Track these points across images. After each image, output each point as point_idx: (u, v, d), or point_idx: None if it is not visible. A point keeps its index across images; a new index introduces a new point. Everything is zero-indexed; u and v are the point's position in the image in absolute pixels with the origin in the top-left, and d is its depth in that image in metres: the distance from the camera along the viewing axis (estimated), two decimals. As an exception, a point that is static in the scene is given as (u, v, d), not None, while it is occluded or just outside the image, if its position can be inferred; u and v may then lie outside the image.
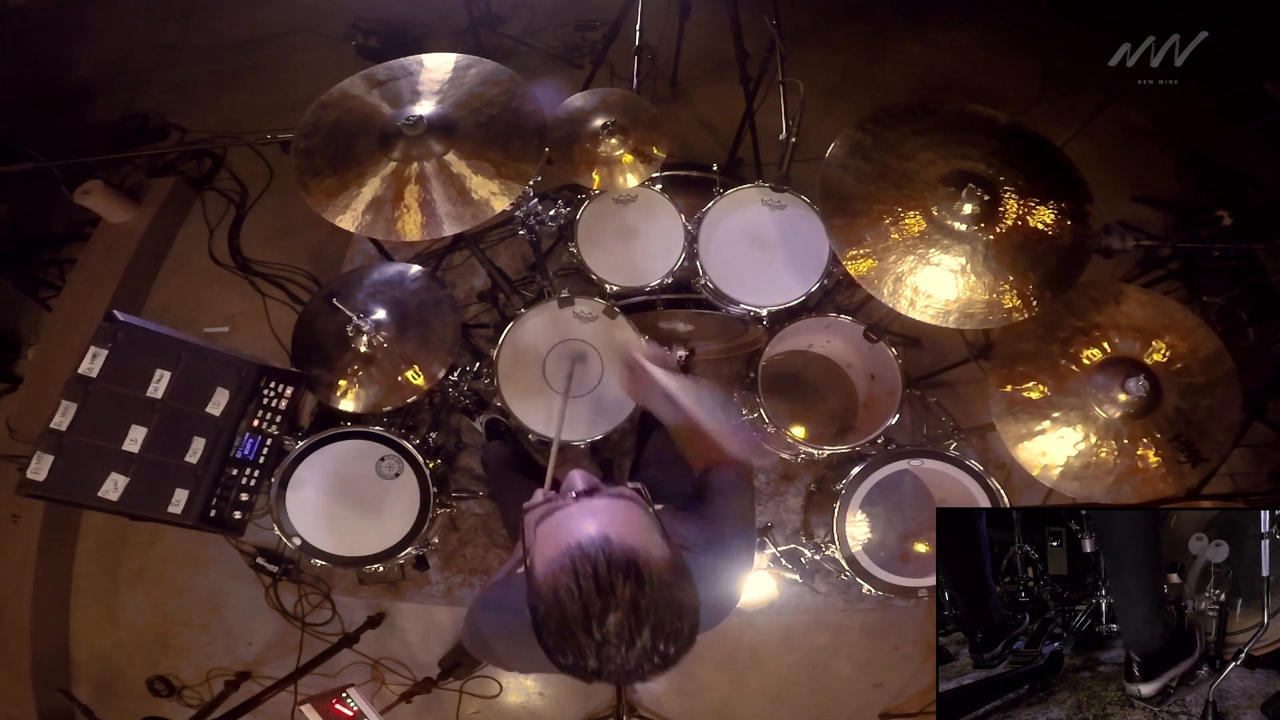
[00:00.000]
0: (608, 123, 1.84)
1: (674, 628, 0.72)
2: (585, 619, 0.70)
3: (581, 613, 0.70)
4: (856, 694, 2.30)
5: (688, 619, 0.75)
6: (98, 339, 1.52)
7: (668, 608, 0.73)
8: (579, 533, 0.76)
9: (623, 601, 0.70)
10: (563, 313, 1.93)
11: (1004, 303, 1.49)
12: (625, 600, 0.70)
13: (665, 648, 0.72)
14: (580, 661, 0.71)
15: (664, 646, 0.72)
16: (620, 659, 0.70)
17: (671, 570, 0.76)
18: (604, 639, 0.70)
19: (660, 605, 0.72)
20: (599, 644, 0.70)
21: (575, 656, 0.71)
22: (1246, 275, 2.50)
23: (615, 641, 0.70)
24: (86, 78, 3.31)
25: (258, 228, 2.90)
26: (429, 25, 3.26)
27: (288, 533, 1.79)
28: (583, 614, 0.70)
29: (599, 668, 0.71)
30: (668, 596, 0.73)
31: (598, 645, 0.70)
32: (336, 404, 1.77)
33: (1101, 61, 1.98)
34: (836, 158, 1.62)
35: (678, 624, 0.73)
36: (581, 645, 0.70)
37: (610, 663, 0.71)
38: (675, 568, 0.77)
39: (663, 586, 0.73)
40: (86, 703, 2.01)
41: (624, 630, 0.70)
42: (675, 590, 0.75)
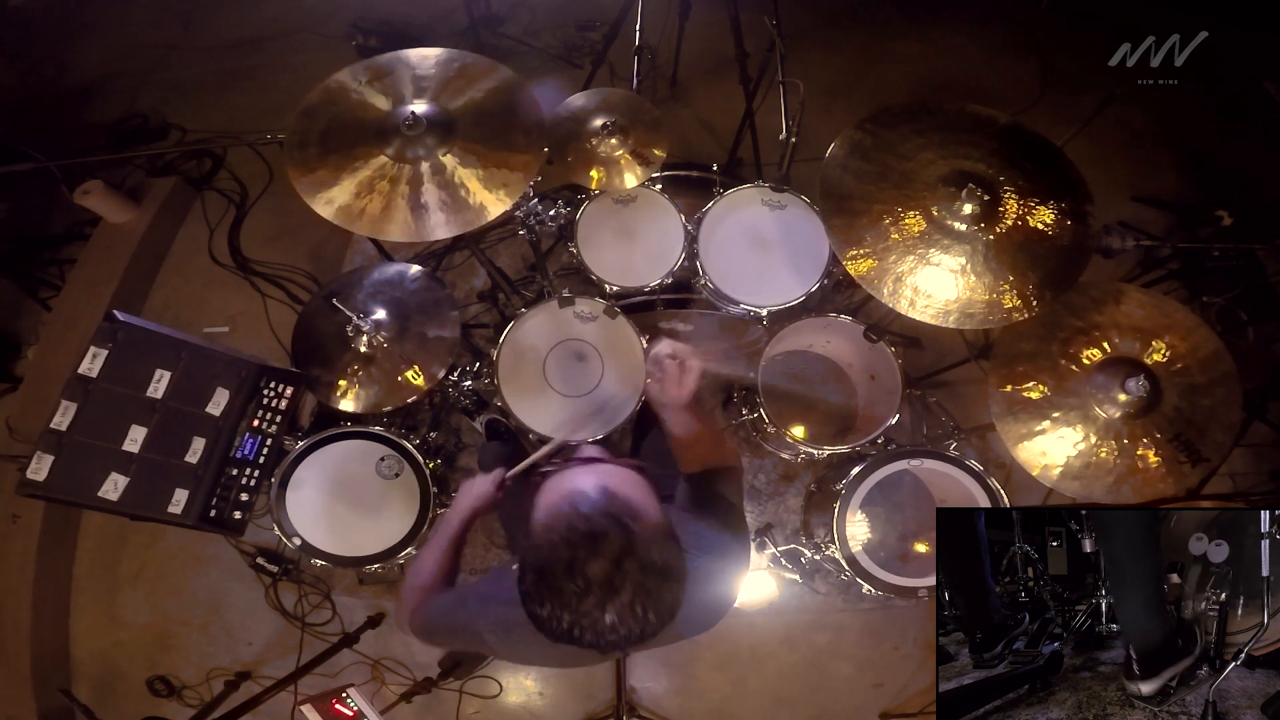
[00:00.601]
0: (608, 123, 1.84)
1: (655, 589, 0.72)
2: (570, 562, 0.70)
3: (568, 556, 0.70)
4: (856, 694, 2.30)
5: (670, 586, 0.74)
6: (98, 339, 1.52)
7: (652, 567, 0.72)
8: (580, 481, 0.78)
9: (609, 550, 0.70)
10: (563, 313, 1.93)
11: (1004, 303, 1.49)
12: (612, 549, 0.70)
13: (644, 611, 0.71)
14: (556, 612, 0.71)
15: (642, 610, 0.71)
16: (597, 616, 0.70)
17: (662, 531, 0.76)
18: (584, 587, 0.69)
19: (645, 563, 0.72)
20: (578, 593, 0.69)
21: (552, 605, 0.71)
22: (1246, 275, 2.50)
23: (596, 592, 0.69)
24: (86, 78, 3.31)
25: (258, 228, 2.90)
26: (429, 25, 3.26)
27: (288, 533, 1.79)
28: (568, 557, 0.70)
29: (573, 623, 0.70)
30: (654, 556, 0.73)
31: (577, 595, 0.69)
32: (336, 404, 1.77)
33: (1101, 61, 1.98)
34: (836, 158, 1.62)
35: (660, 588, 0.73)
36: (561, 591, 0.70)
37: (586, 617, 0.70)
38: (666, 531, 0.77)
39: (651, 544, 0.73)
40: (86, 703, 2.01)
41: (606, 580, 0.69)
42: (663, 551, 0.74)
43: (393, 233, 1.52)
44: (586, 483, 0.78)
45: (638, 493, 0.80)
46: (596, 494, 0.76)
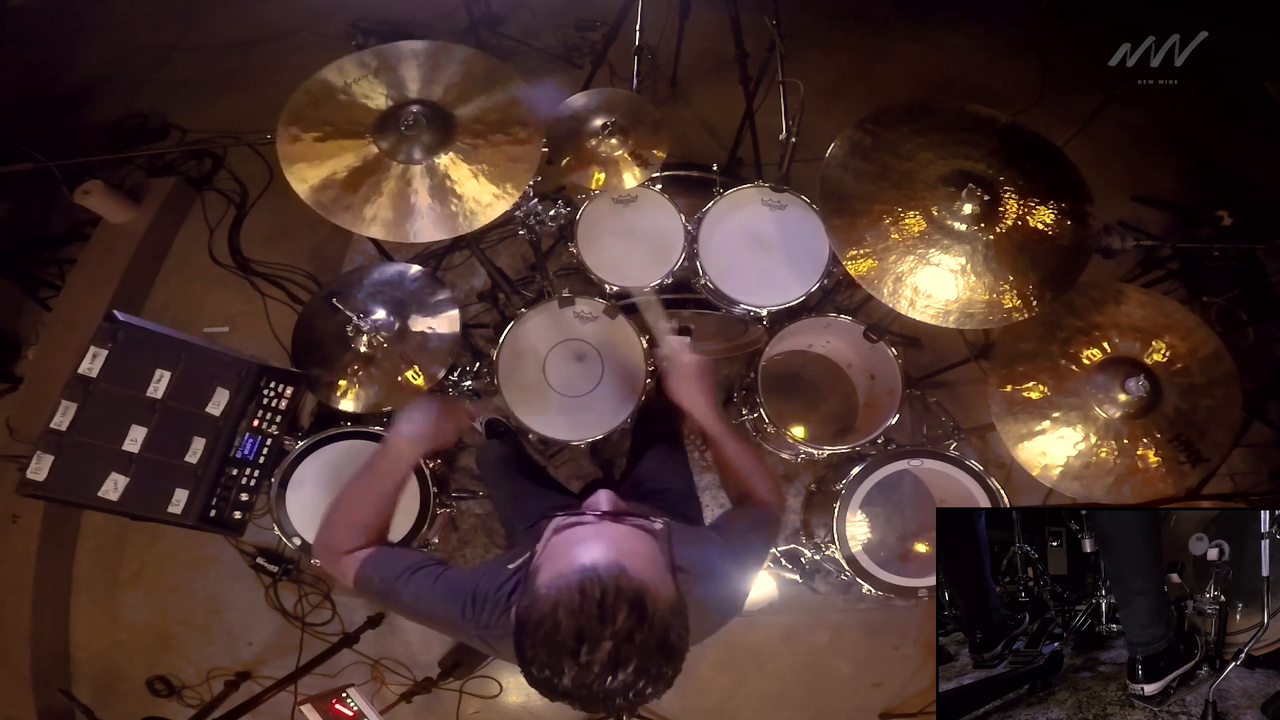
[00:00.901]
0: (608, 123, 1.84)
1: (659, 670, 0.72)
2: (577, 641, 0.69)
3: (575, 634, 0.70)
4: (856, 694, 2.30)
5: (673, 664, 0.74)
6: (98, 339, 1.52)
7: (659, 650, 0.72)
8: (595, 554, 0.75)
9: (620, 633, 0.70)
10: (563, 313, 1.93)
11: (1004, 303, 1.49)
12: (622, 633, 0.70)
13: (644, 686, 0.71)
14: (554, 679, 0.70)
15: (643, 685, 0.71)
16: (596, 686, 0.70)
17: (673, 613, 0.75)
18: (587, 664, 0.69)
19: (653, 646, 0.71)
20: (581, 667, 0.69)
21: (551, 672, 0.71)
22: (1246, 275, 2.51)
23: (598, 670, 0.69)
24: (86, 78, 3.31)
25: (258, 228, 2.90)
26: (429, 25, 3.25)
27: (288, 533, 1.79)
28: (575, 636, 0.70)
29: (570, 688, 0.70)
30: (663, 639, 0.73)
31: (579, 669, 0.69)
32: (336, 404, 1.77)
33: (1101, 61, 1.98)
34: (836, 158, 1.62)
35: (664, 668, 0.72)
36: (562, 664, 0.70)
37: (583, 688, 0.70)
38: (677, 610, 0.76)
39: (662, 628, 0.73)
40: (86, 703, 2.01)
41: (611, 662, 0.69)
42: (672, 634, 0.74)
43: (378, 231, 1.48)
44: (598, 554, 0.76)
45: (653, 569, 0.77)
46: (608, 570, 0.73)
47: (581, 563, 0.75)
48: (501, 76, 1.61)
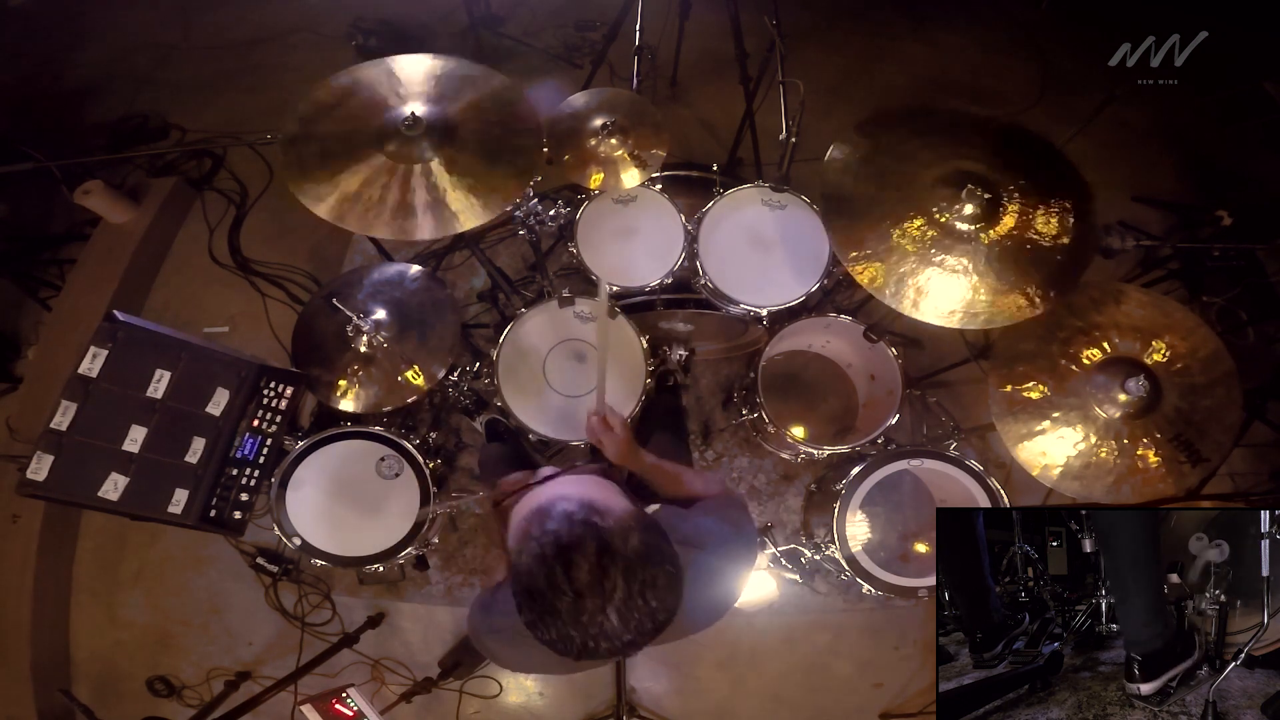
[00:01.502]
0: (608, 123, 1.84)
1: (648, 576, 0.71)
2: (551, 577, 0.69)
3: (547, 571, 0.69)
4: (856, 694, 2.30)
5: (662, 566, 0.73)
6: (98, 339, 1.52)
7: (637, 555, 0.71)
8: (538, 500, 0.77)
9: (585, 552, 0.69)
10: (563, 313, 1.93)
11: (1006, 302, 1.49)
12: (588, 550, 0.69)
13: (644, 601, 0.70)
14: (563, 632, 0.69)
15: (642, 600, 0.70)
16: (600, 621, 0.68)
17: (634, 518, 0.75)
18: (576, 596, 0.68)
19: (628, 553, 0.71)
20: (573, 605, 0.68)
21: (556, 627, 0.69)
22: (1246, 275, 2.51)
23: (590, 597, 0.68)
24: (86, 78, 3.31)
25: (258, 228, 2.90)
26: (429, 25, 3.26)
27: (288, 533, 1.79)
28: (548, 572, 0.69)
29: (583, 638, 0.69)
30: (634, 543, 0.72)
31: (573, 607, 0.68)
32: (336, 404, 1.77)
33: (1101, 61, 1.98)
34: (836, 158, 1.62)
35: (652, 573, 0.71)
36: (557, 609, 0.69)
37: (592, 627, 0.69)
38: (639, 518, 0.76)
39: (626, 533, 0.72)
40: (86, 703, 2.01)
41: (594, 583, 0.68)
42: (642, 537, 0.73)
43: (387, 231, 1.52)
44: (544, 498, 0.77)
45: (598, 490, 0.78)
46: (556, 505, 0.74)
47: (529, 511, 0.76)
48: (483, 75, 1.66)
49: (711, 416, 2.52)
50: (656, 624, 0.71)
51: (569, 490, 0.77)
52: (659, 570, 0.72)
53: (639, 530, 0.74)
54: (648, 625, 0.71)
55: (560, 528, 0.71)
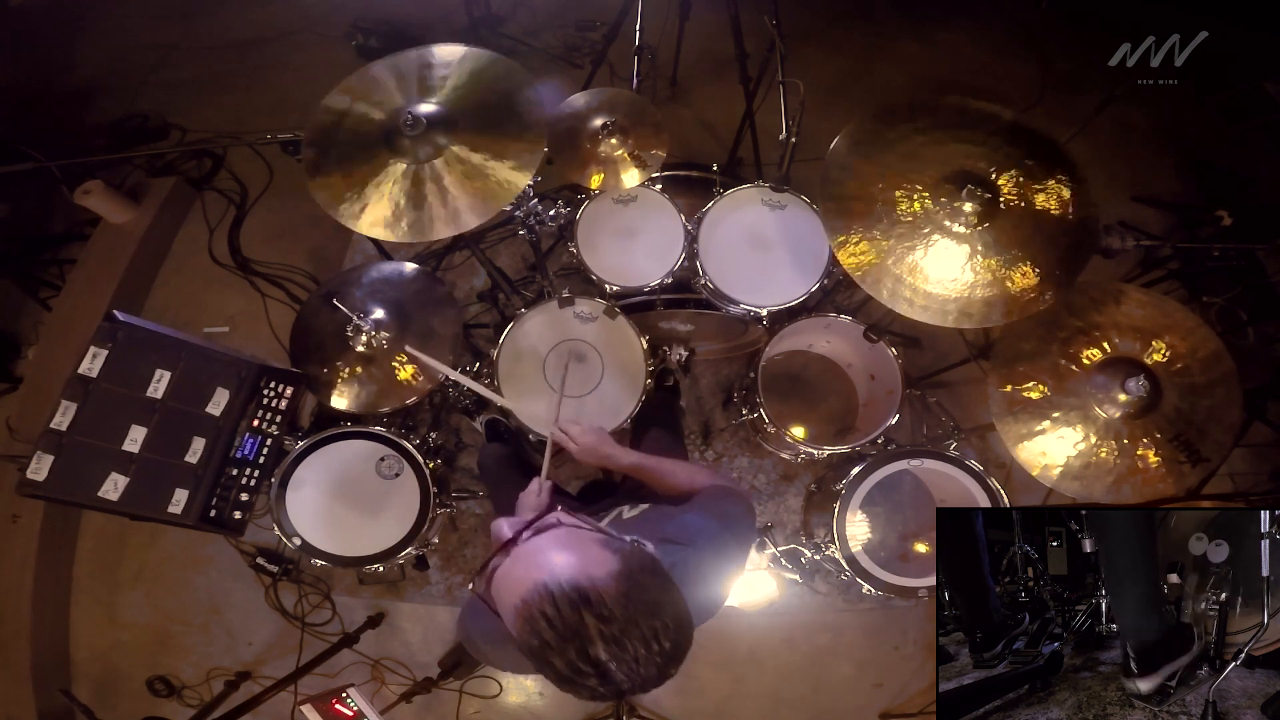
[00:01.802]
0: (608, 123, 1.84)
1: (656, 626, 0.72)
2: (573, 661, 0.70)
3: (566, 659, 0.70)
4: (856, 694, 2.30)
5: (666, 612, 0.74)
6: (98, 339, 1.52)
7: (639, 613, 0.72)
8: (522, 587, 0.74)
9: (593, 630, 0.70)
10: (563, 313, 1.93)
11: (1005, 301, 1.49)
12: (593, 629, 0.70)
13: (660, 644, 0.71)
14: (598, 691, 0.71)
15: (657, 644, 0.71)
16: (629, 673, 0.70)
17: (623, 579, 0.74)
18: (602, 667, 0.69)
19: (630, 615, 0.71)
20: (601, 671, 0.70)
21: (590, 690, 0.71)
22: (1246, 275, 2.50)
23: (613, 662, 0.69)
24: (86, 78, 3.31)
25: (258, 228, 2.90)
26: (429, 25, 3.25)
27: (288, 533, 1.79)
28: (567, 659, 0.70)
29: (616, 686, 0.71)
30: (633, 604, 0.72)
31: (599, 673, 0.70)
32: (336, 404, 1.77)
33: (1101, 61, 1.98)
34: (837, 157, 1.62)
35: (656, 622, 0.72)
36: (588, 679, 0.70)
37: (624, 681, 0.70)
38: (625, 574, 0.75)
39: (621, 598, 0.72)
40: (86, 703, 2.01)
41: (613, 652, 0.70)
42: (638, 594, 0.73)
43: (437, 231, 1.52)
44: (527, 583, 0.74)
45: (575, 559, 0.76)
46: (543, 593, 0.72)
47: (515, 604, 0.74)
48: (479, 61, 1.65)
49: (711, 416, 2.52)
50: (675, 657, 0.73)
51: (546, 569, 0.75)
52: (665, 617, 0.73)
53: (634, 589, 0.74)
54: (668, 661, 0.73)
55: (557, 619, 0.71)
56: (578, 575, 0.73)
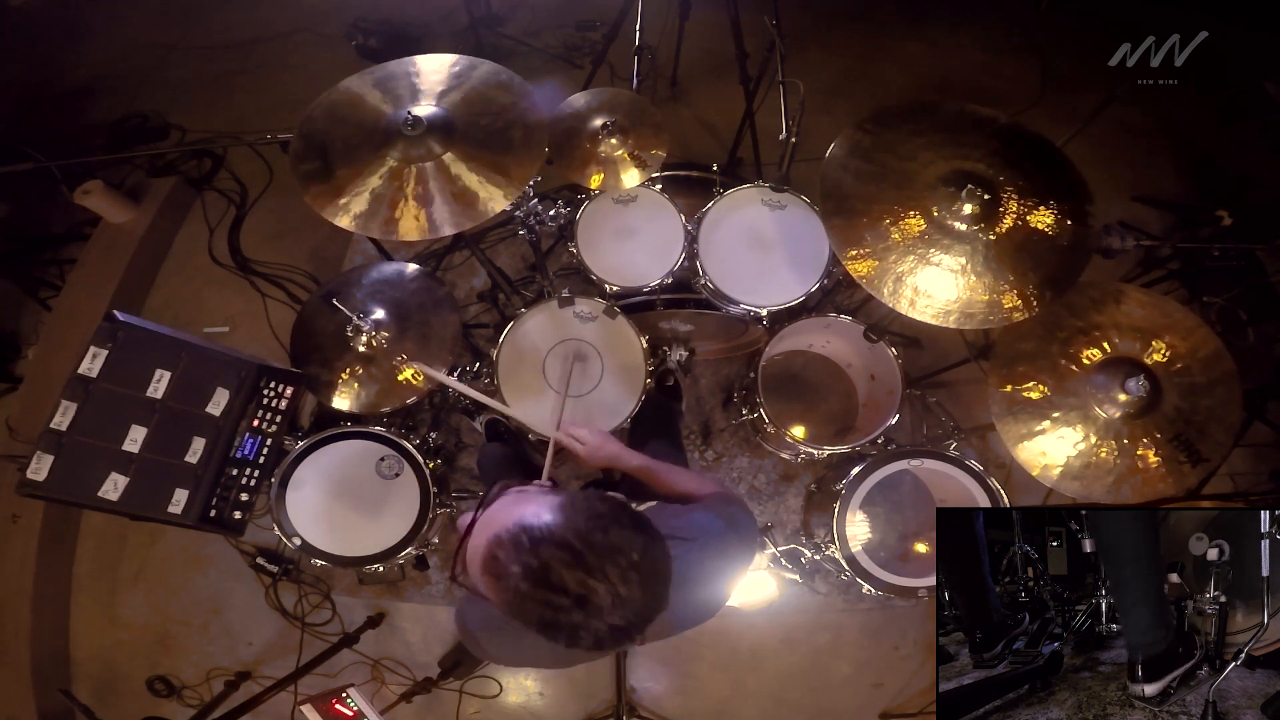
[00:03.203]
0: (608, 123, 1.84)
1: (617, 542, 0.72)
2: (547, 598, 0.70)
3: (540, 598, 0.70)
4: (856, 694, 2.30)
5: (626, 528, 0.74)
6: (98, 339, 1.52)
7: (595, 533, 0.72)
8: (483, 548, 0.76)
9: (553, 561, 0.70)
10: (563, 313, 1.93)
11: (1004, 303, 1.49)
12: (552, 558, 0.71)
13: (630, 558, 0.72)
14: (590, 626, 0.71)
15: (625, 559, 0.72)
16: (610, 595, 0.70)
17: (569, 510, 0.75)
18: (577, 596, 0.70)
19: (586, 539, 0.72)
20: (578, 601, 0.70)
21: (581, 627, 0.71)
22: (1246, 275, 2.50)
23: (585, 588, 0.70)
24: (86, 78, 3.31)
25: (258, 228, 2.90)
26: (429, 25, 3.26)
27: (288, 533, 1.79)
28: (542, 599, 0.70)
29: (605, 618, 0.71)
30: (585, 528, 0.73)
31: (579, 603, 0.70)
32: (336, 404, 1.77)
33: (1101, 61, 1.98)
34: (836, 158, 1.62)
35: (617, 538, 0.73)
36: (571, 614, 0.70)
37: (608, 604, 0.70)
38: (570, 506, 0.76)
39: (571, 528, 0.73)
40: (86, 703, 2.01)
41: (579, 577, 0.70)
42: (589, 521, 0.74)
43: (408, 233, 1.53)
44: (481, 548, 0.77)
45: (521, 507, 0.77)
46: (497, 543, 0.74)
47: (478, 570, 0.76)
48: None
49: (711, 416, 2.52)
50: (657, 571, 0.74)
51: (499, 520, 0.77)
52: (624, 526, 0.74)
53: (576, 509, 0.75)
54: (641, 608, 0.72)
55: (515, 555, 0.72)
56: (525, 517, 0.75)
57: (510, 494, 0.83)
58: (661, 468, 1.23)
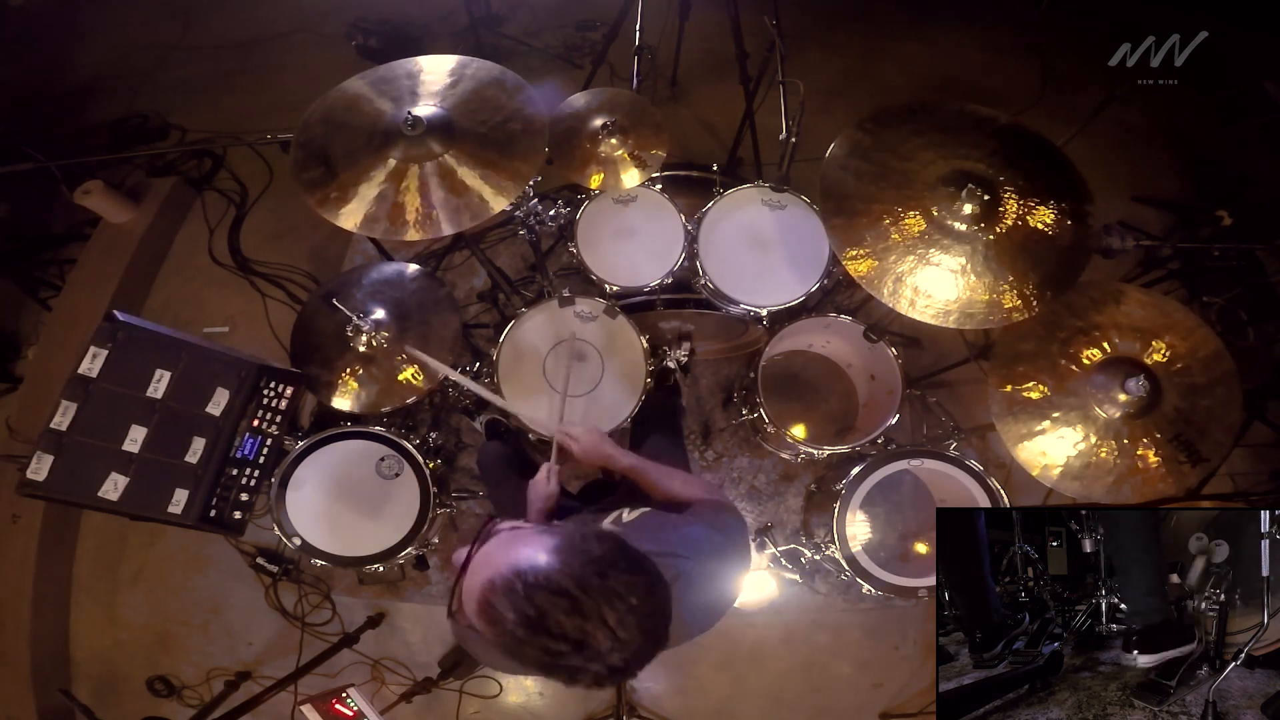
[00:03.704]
0: (608, 123, 1.84)
1: (614, 585, 0.72)
2: (544, 644, 0.70)
3: (537, 644, 0.71)
4: (856, 694, 2.30)
5: (622, 568, 0.74)
6: (98, 339, 1.52)
7: (589, 576, 0.72)
8: (476, 592, 0.77)
9: (547, 606, 0.70)
10: (563, 312, 1.93)
11: (1004, 303, 1.49)
12: (546, 604, 0.71)
13: (627, 601, 0.72)
14: (589, 669, 0.71)
15: (623, 602, 0.72)
16: (607, 638, 0.70)
17: (564, 552, 0.75)
18: (574, 640, 0.70)
19: (580, 581, 0.72)
20: (576, 644, 0.70)
21: (579, 670, 0.72)
22: (1246, 275, 2.50)
23: (581, 631, 0.70)
24: (86, 78, 3.31)
25: (258, 228, 2.90)
26: (429, 25, 3.26)
27: (288, 533, 1.79)
28: (539, 644, 0.71)
29: (604, 659, 0.71)
30: (579, 570, 0.73)
31: (576, 647, 0.70)
32: (336, 404, 1.77)
33: (1101, 61, 1.98)
34: (836, 158, 1.62)
35: (614, 580, 0.73)
36: (569, 659, 0.71)
37: (606, 646, 0.71)
38: (566, 548, 0.76)
39: (564, 569, 0.73)
40: (86, 703, 2.01)
41: (576, 623, 0.70)
42: (583, 562, 0.74)
43: (408, 233, 1.53)
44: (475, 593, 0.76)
45: (514, 549, 0.77)
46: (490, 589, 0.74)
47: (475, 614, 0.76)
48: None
49: (711, 416, 2.52)
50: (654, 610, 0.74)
51: (492, 564, 0.77)
52: (620, 567, 0.75)
53: (571, 552, 0.75)
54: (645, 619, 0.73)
55: (508, 603, 0.72)
56: (517, 562, 0.75)
57: (503, 533, 0.83)
58: (653, 469, 1.23)
